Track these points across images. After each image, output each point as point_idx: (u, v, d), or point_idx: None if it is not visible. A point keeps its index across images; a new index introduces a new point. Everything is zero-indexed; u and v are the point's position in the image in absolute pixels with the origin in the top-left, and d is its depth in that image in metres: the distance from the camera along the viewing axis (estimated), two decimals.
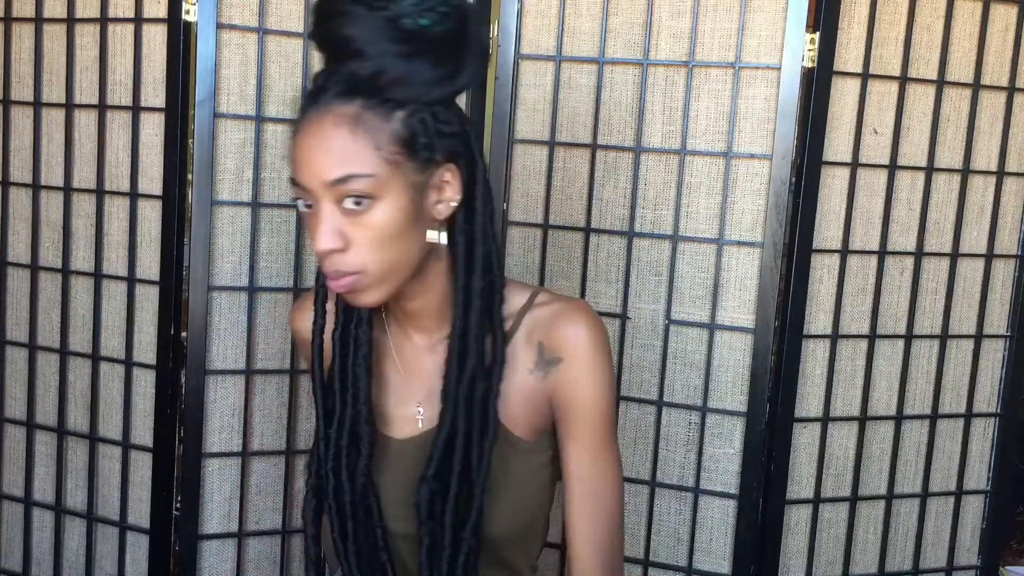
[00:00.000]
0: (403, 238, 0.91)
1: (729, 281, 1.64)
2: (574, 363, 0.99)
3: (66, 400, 1.75)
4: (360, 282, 0.91)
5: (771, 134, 1.60)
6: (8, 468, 1.82)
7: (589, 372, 0.99)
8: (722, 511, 1.68)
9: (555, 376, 1.00)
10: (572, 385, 1.00)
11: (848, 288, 1.69)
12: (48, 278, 1.74)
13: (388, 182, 0.89)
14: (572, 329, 0.99)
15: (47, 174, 1.72)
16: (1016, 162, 1.76)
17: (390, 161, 0.89)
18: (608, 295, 1.69)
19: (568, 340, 0.99)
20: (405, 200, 0.90)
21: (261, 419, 1.69)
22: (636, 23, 1.63)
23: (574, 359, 0.99)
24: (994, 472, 1.84)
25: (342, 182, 0.88)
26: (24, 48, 1.71)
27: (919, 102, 1.68)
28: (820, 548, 1.75)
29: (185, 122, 1.57)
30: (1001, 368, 1.82)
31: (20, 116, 1.74)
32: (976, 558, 1.86)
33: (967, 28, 1.68)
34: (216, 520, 1.69)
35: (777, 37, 1.58)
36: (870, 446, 1.75)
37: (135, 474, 1.71)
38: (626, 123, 1.66)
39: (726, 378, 1.66)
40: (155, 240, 1.64)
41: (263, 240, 1.64)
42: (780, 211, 1.60)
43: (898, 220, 1.70)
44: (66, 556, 1.79)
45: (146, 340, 1.67)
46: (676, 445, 1.69)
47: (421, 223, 0.93)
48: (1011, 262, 1.79)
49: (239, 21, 1.58)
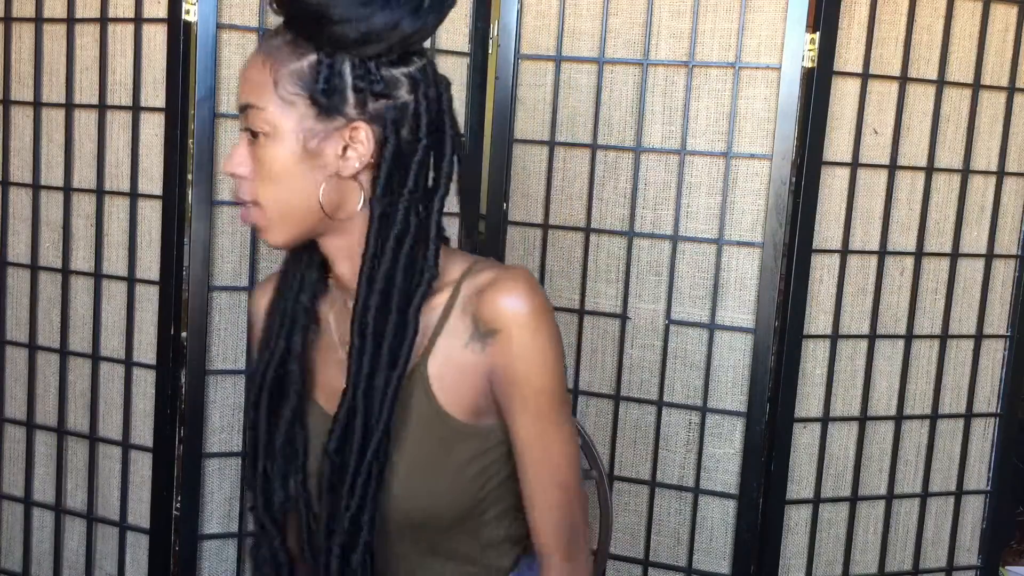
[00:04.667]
0: (292, 180, 0.89)
1: (729, 281, 1.64)
2: (511, 335, 0.90)
3: (66, 400, 1.75)
4: (259, 217, 0.91)
5: (771, 134, 1.60)
6: (8, 468, 1.82)
7: (528, 345, 0.91)
8: (722, 511, 1.68)
9: (491, 349, 0.92)
10: (511, 359, 0.91)
11: (848, 288, 1.69)
12: (48, 278, 1.74)
13: (279, 120, 0.88)
14: (507, 299, 0.91)
15: (47, 174, 1.72)
16: (1016, 162, 1.76)
17: (286, 100, 0.88)
18: (608, 295, 1.69)
19: (504, 310, 0.90)
20: (294, 143, 0.88)
21: None
22: (636, 23, 1.63)
23: (510, 331, 0.90)
24: (994, 472, 1.84)
25: (243, 110, 0.90)
26: (24, 48, 1.71)
27: (919, 102, 1.68)
28: (820, 548, 1.75)
29: (185, 122, 1.57)
30: (1001, 368, 1.82)
31: (20, 116, 1.73)
32: (976, 558, 1.86)
33: (967, 28, 1.68)
34: (216, 520, 1.69)
35: (777, 37, 1.58)
36: (870, 446, 1.75)
37: (135, 474, 1.71)
38: (626, 123, 1.66)
39: (726, 378, 1.66)
40: (155, 240, 1.64)
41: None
42: (780, 211, 1.60)
43: (898, 220, 1.70)
44: (66, 556, 1.79)
45: (146, 340, 1.67)
46: (676, 445, 1.69)
47: (316, 172, 0.90)
48: (1011, 262, 1.79)
49: (239, 21, 1.58)
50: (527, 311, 0.90)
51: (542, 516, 0.97)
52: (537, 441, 0.95)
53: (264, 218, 0.91)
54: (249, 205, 0.92)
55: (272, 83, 0.88)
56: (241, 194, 0.92)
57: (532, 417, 0.93)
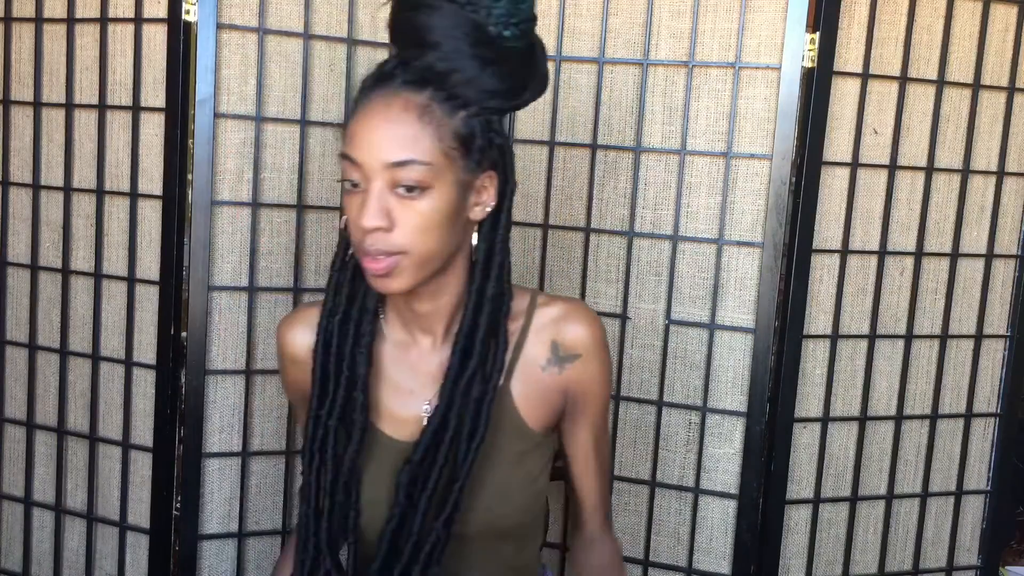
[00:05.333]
0: (443, 230, 0.95)
1: (729, 281, 1.64)
2: (589, 358, 1.07)
3: (66, 400, 1.75)
4: (399, 264, 0.94)
5: (771, 134, 1.60)
6: (8, 468, 1.82)
7: (602, 365, 1.09)
8: (722, 511, 1.68)
9: (571, 371, 1.07)
10: (588, 377, 1.08)
11: (848, 288, 1.69)
12: (48, 278, 1.74)
13: (441, 174, 0.93)
14: (584, 328, 1.07)
15: (47, 174, 1.72)
16: (1016, 162, 1.76)
17: (447, 155, 0.93)
18: (608, 295, 1.69)
19: (582, 337, 1.06)
20: (452, 195, 0.95)
21: (261, 419, 1.69)
22: (636, 23, 1.63)
23: (589, 354, 1.07)
24: (994, 472, 1.84)
25: (401, 165, 0.91)
26: (24, 48, 1.71)
27: (919, 102, 1.68)
28: (820, 548, 1.75)
29: (185, 122, 1.57)
30: (1001, 368, 1.82)
31: (20, 116, 1.73)
32: (976, 558, 1.86)
33: (967, 28, 1.68)
34: (216, 520, 1.69)
35: (777, 37, 1.58)
36: (870, 446, 1.75)
37: (135, 474, 1.71)
38: (626, 123, 1.66)
39: (726, 378, 1.66)
40: (155, 240, 1.64)
41: (263, 240, 1.64)
42: (780, 211, 1.60)
43: (898, 220, 1.70)
44: (66, 556, 1.79)
45: (146, 340, 1.67)
46: (676, 445, 1.69)
47: (459, 220, 0.97)
48: (1011, 262, 1.79)
49: (239, 21, 1.58)
50: (600, 339, 1.08)
51: (596, 503, 1.17)
52: (597, 444, 1.14)
53: (403, 265, 0.95)
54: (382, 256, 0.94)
55: (436, 139, 0.92)
56: (381, 246, 0.93)
57: (594, 426, 1.12)
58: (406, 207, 0.92)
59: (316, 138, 1.65)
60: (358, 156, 0.93)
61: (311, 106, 1.64)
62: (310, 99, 1.63)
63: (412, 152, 0.91)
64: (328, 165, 1.66)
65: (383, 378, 1.07)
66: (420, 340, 1.07)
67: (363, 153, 0.92)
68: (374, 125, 0.92)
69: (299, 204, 1.65)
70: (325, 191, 1.67)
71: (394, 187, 0.92)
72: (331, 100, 1.65)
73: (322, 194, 1.67)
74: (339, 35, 1.63)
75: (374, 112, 0.93)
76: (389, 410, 1.07)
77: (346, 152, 0.94)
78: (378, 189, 0.92)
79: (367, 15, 1.65)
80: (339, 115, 1.65)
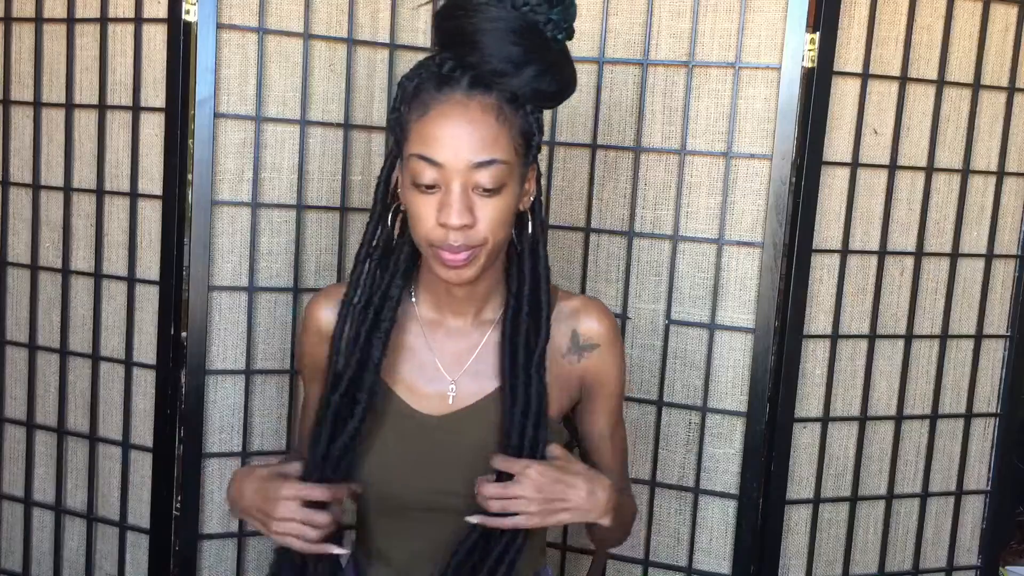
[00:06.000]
0: (510, 222, 1.02)
1: (729, 281, 1.64)
2: (607, 348, 1.14)
3: (66, 400, 1.75)
4: (477, 255, 1.00)
5: (771, 134, 1.60)
6: (8, 468, 1.82)
7: (618, 355, 1.16)
8: (722, 511, 1.68)
9: (588, 360, 1.14)
10: (606, 366, 1.15)
11: (848, 288, 1.69)
12: (48, 278, 1.74)
13: (513, 171, 0.99)
14: (603, 320, 1.14)
15: (47, 174, 1.72)
16: (1016, 162, 1.76)
17: (517, 152, 0.99)
18: (608, 295, 1.69)
19: (601, 329, 1.14)
20: (518, 188, 1.01)
21: (261, 419, 1.69)
22: (636, 23, 1.63)
23: (607, 345, 1.14)
24: (994, 472, 1.84)
25: (484, 165, 0.96)
26: (24, 48, 1.72)
27: (919, 102, 1.68)
28: (820, 548, 1.75)
29: (185, 122, 1.57)
30: (1001, 368, 1.82)
31: (20, 116, 1.74)
32: (976, 558, 1.86)
33: (967, 28, 1.68)
34: (216, 520, 1.69)
35: (777, 37, 1.58)
36: (870, 446, 1.75)
37: (135, 474, 1.71)
38: (626, 123, 1.66)
39: (726, 378, 1.66)
40: (155, 240, 1.64)
41: (263, 240, 1.64)
42: (780, 211, 1.60)
43: (898, 220, 1.70)
44: (66, 556, 1.79)
45: (146, 340, 1.67)
46: (676, 445, 1.69)
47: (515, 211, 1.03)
48: (1011, 262, 1.79)
49: (239, 21, 1.58)
50: (617, 333, 1.16)
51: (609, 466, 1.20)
52: (613, 430, 1.19)
53: (481, 256, 1.00)
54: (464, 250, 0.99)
55: (509, 137, 0.98)
56: (465, 241, 0.98)
57: (610, 412, 1.18)
58: (485, 202, 0.98)
59: (316, 138, 1.65)
60: (440, 157, 0.96)
61: (311, 106, 1.64)
62: (310, 99, 1.63)
63: (494, 152, 0.96)
64: (328, 165, 1.66)
65: (408, 353, 1.11)
66: (450, 321, 1.12)
67: (446, 155, 0.96)
68: (456, 126, 0.96)
69: (299, 204, 1.65)
70: (325, 191, 1.67)
71: (475, 185, 0.96)
72: (331, 100, 1.65)
73: (322, 194, 1.67)
74: (339, 35, 1.63)
75: (453, 114, 0.96)
76: (410, 383, 1.11)
77: (425, 154, 0.96)
78: (460, 188, 0.96)
79: (367, 15, 1.65)
80: (339, 115, 1.66)
